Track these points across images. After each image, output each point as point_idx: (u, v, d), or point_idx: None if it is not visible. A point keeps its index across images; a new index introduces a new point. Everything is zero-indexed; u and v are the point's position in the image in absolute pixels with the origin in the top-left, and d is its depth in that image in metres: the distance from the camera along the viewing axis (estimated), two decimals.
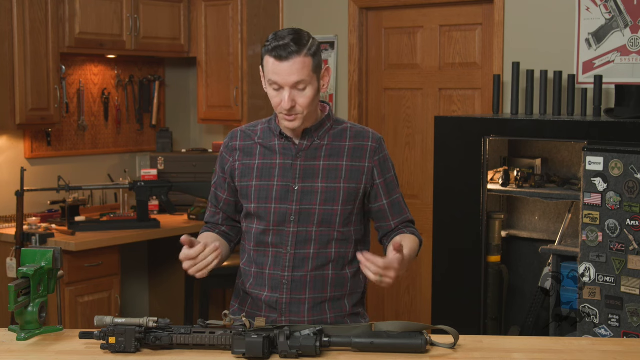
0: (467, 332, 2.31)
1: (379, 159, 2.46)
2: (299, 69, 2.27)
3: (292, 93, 2.29)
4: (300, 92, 2.30)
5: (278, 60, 2.27)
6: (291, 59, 2.26)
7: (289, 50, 2.26)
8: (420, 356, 2.09)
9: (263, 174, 2.42)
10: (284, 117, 2.34)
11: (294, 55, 2.26)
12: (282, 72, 2.27)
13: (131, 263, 5.32)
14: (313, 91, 2.32)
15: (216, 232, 2.55)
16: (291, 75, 2.27)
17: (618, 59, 4.04)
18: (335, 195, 2.39)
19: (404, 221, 2.51)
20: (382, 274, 2.15)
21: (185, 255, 2.21)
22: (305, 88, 2.30)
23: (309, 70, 2.29)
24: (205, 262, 2.21)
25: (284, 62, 2.26)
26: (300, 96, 2.30)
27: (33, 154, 4.87)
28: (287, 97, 2.29)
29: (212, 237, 2.49)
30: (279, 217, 2.39)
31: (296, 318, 2.39)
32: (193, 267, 2.21)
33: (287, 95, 2.29)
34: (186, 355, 2.11)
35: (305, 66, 2.28)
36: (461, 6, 4.63)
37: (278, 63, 2.27)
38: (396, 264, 2.17)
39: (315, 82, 2.33)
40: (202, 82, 5.34)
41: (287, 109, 2.30)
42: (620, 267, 3.37)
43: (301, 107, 2.31)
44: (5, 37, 4.34)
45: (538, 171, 4.11)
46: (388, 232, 2.51)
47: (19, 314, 2.23)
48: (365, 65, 5.05)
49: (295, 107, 2.31)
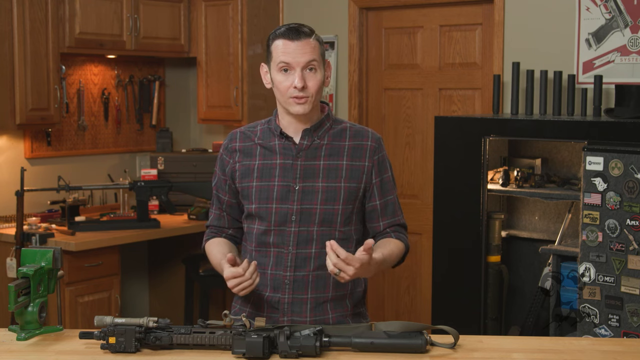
0: (467, 332, 2.31)
1: (377, 158, 2.46)
2: (310, 49, 2.32)
3: (303, 73, 2.32)
4: (310, 74, 2.33)
5: (290, 40, 2.31)
6: (303, 39, 2.32)
7: (301, 30, 2.32)
8: (420, 356, 2.09)
9: (263, 175, 2.42)
10: (294, 101, 2.35)
11: (306, 37, 2.32)
12: (293, 52, 2.31)
13: (131, 263, 5.32)
14: (321, 76, 2.36)
15: (223, 236, 2.55)
16: (303, 54, 2.31)
17: (618, 59, 4.04)
18: (336, 194, 2.40)
19: (394, 224, 2.50)
20: (340, 266, 2.17)
21: (232, 273, 2.24)
22: (316, 70, 2.34)
23: (318, 53, 2.34)
24: (251, 281, 2.25)
25: (296, 42, 2.31)
26: (310, 78, 2.33)
27: (33, 154, 4.87)
28: (299, 76, 2.31)
29: (226, 246, 2.50)
30: (280, 217, 2.39)
31: (298, 318, 2.40)
32: (238, 285, 2.24)
33: (298, 73, 2.31)
34: (186, 355, 2.11)
35: (315, 48, 2.33)
36: (461, 6, 4.63)
37: (290, 42, 2.31)
38: (357, 262, 2.18)
39: (323, 69, 2.37)
40: (202, 82, 5.34)
41: (299, 88, 2.31)
42: (620, 267, 3.37)
43: (311, 90, 2.33)
44: (5, 37, 4.34)
45: (538, 171, 4.11)
46: (376, 234, 2.51)
47: (19, 314, 2.23)
48: (365, 65, 5.05)
49: (306, 89, 2.33)
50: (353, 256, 2.18)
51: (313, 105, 2.36)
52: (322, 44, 2.38)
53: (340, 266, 2.18)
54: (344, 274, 2.19)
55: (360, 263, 2.18)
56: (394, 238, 2.48)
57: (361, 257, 2.19)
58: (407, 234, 2.56)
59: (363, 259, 2.19)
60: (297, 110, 2.35)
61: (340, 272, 2.18)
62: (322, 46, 2.38)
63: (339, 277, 2.20)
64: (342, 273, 2.18)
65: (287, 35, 2.32)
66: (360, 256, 2.19)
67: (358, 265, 2.18)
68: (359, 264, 2.18)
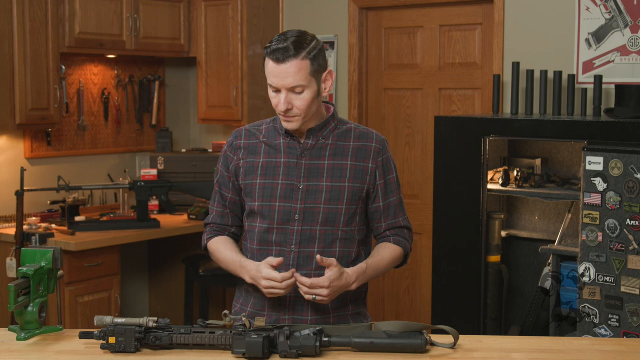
0: (467, 332, 2.31)
1: (382, 160, 2.47)
2: (295, 72, 2.28)
3: (289, 96, 2.31)
4: (297, 95, 2.32)
5: (275, 63, 2.29)
6: (288, 62, 2.28)
7: (286, 53, 2.27)
8: (420, 356, 2.09)
9: (268, 173, 2.42)
10: (282, 119, 2.37)
11: (291, 59, 2.27)
12: (278, 75, 2.29)
13: (131, 263, 5.32)
14: (311, 95, 2.32)
15: (226, 234, 2.54)
16: (287, 78, 2.29)
17: (618, 59, 4.04)
18: (340, 194, 2.40)
19: (395, 226, 2.52)
20: (312, 292, 2.26)
21: (269, 276, 2.28)
22: (303, 91, 2.31)
23: (306, 74, 2.29)
24: (284, 291, 2.29)
25: (281, 65, 2.28)
26: (297, 99, 2.32)
27: (33, 154, 4.87)
28: (283, 100, 2.31)
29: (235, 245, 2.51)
30: (284, 216, 2.39)
31: (299, 317, 2.40)
32: (272, 289, 2.29)
33: (283, 97, 2.31)
34: (186, 355, 2.11)
35: (302, 70, 2.29)
36: (461, 6, 4.63)
37: (275, 65, 2.29)
38: (326, 282, 2.26)
39: (314, 85, 2.33)
40: (202, 82, 5.34)
41: (283, 111, 2.33)
42: (620, 267, 3.37)
43: (298, 110, 2.33)
44: (5, 37, 4.34)
45: (538, 171, 4.10)
46: (377, 235, 2.54)
47: (19, 314, 2.23)
48: (365, 65, 5.05)
49: (292, 110, 2.33)
50: (318, 279, 2.27)
51: (304, 120, 2.36)
52: (317, 58, 2.32)
53: (312, 292, 2.26)
54: (321, 298, 2.27)
55: (330, 281, 2.27)
56: (392, 243, 2.50)
57: (329, 276, 2.27)
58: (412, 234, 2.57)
59: (331, 276, 2.27)
60: (287, 126, 2.38)
61: (316, 297, 2.27)
62: (319, 60, 2.32)
63: (318, 300, 2.28)
64: (317, 297, 2.27)
65: (273, 57, 2.29)
66: (325, 277, 2.27)
67: (327, 284, 2.26)
68: (328, 283, 2.26)
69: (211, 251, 2.54)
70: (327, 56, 2.34)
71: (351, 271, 2.34)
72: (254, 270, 2.34)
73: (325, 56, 2.38)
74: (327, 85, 2.39)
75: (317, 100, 2.36)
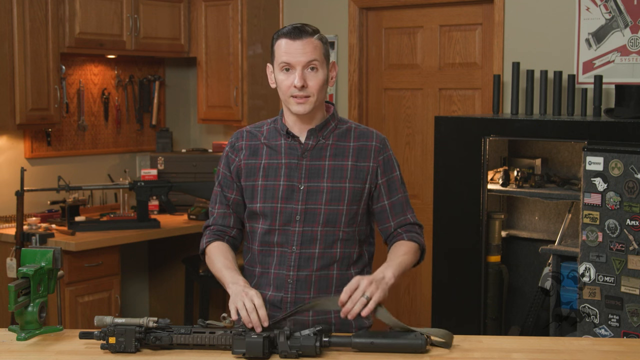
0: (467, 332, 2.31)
1: (382, 159, 2.46)
2: (311, 48, 2.32)
3: (304, 72, 2.32)
4: (311, 73, 2.33)
5: (291, 39, 2.32)
6: (304, 39, 2.32)
7: (303, 31, 2.33)
8: (420, 356, 2.09)
9: (269, 174, 2.42)
10: (294, 100, 2.35)
11: (308, 36, 2.33)
12: (294, 51, 2.32)
13: (131, 263, 5.32)
14: (323, 76, 2.35)
15: (226, 239, 2.51)
16: (304, 54, 2.32)
17: (618, 59, 4.04)
18: (341, 195, 2.40)
19: (404, 223, 2.49)
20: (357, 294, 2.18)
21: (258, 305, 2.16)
22: (317, 69, 2.34)
23: (320, 52, 2.35)
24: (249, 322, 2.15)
25: (297, 41, 2.32)
26: (311, 77, 2.33)
27: (33, 154, 4.87)
28: (299, 75, 2.32)
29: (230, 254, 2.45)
30: (285, 217, 2.39)
31: (300, 317, 2.39)
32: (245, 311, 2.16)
33: (299, 72, 2.32)
34: (186, 355, 2.11)
35: (317, 48, 2.34)
36: (461, 6, 4.63)
37: (291, 42, 2.32)
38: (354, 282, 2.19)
39: (325, 68, 2.37)
40: (202, 82, 5.34)
41: (299, 87, 2.32)
42: (620, 267, 3.37)
43: (312, 89, 2.33)
44: (5, 37, 4.34)
45: (538, 171, 4.11)
46: (388, 235, 2.50)
47: (19, 314, 2.23)
48: (365, 65, 5.05)
49: (307, 88, 2.33)
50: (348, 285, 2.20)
51: (314, 105, 2.36)
52: (326, 43, 2.39)
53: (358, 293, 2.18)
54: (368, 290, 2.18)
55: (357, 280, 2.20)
56: (406, 239, 2.45)
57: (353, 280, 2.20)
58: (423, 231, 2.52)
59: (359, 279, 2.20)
60: (297, 109, 2.35)
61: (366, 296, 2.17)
62: (327, 46, 2.39)
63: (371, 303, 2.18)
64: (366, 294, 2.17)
65: (289, 35, 2.33)
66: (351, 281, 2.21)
67: (366, 282, 2.18)
68: (356, 282, 2.19)
69: (207, 256, 2.51)
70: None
71: (379, 269, 2.28)
72: (245, 286, 2.25)
73: (329, 47, 2.43)
74: (333, 75, 2.42)
75: (325, 86, 2.38)
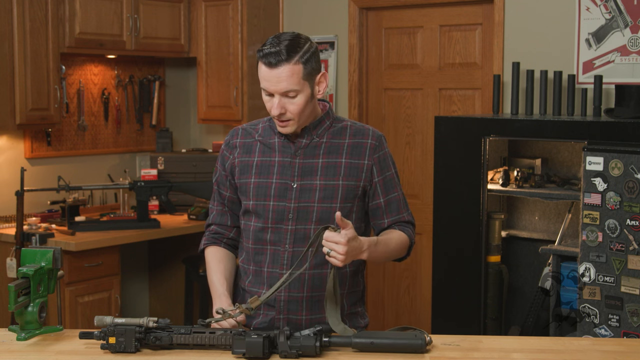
0: (467, 332, 2.31)
1: (378, 156, 2.46)
2: (287, 76, 2.27)
3: (282, 100, 2.30)
4: (290, 100, 2.30)
5: (267, 67, 2.28)
6: (280, 67, 2.26)
7: (278, 58, 2.26)
8: (420, 356, 2.09)
9: (262, 171, 2.42)
10: (277, 123, 2.37)
11: (283, 63, 2.26)
12: (271, 79, 2.28)
13: (131, 263, 5.32)
14: (304, 98, 2.31)
15: (224, 242, 2.53)
16: (279, 83, 2.27)
17: (618, 59, 4.04)
18: (334, 192, 2.39)
19: (399, 221, 2.49)
20: (328, 246, 2.16)
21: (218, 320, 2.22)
22: (296, 96, 2.30)
23: (299, 78, 2.28)
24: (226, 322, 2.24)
25: (273, 70, 2.27)
26: (290, 103, 2.31)
27: (33, 154, 4.87)
28: (276, 104, 2.30)
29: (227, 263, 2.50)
30: (277, 215, 2.39)
31: (294, 316, 2.39)
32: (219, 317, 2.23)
33: (276, 102, 2.30)
34: (186, 355, 2.11)
35: (295, 74, 2.27)
36: (461, 6, 4.63)
37: (268, 70, 2.28)
38: (343, 238, 2.15)
39: (308, 88, 2.32)
40: (202, 82, 5.34)
41: (276, 116, 2.32)
42: (620, 267, 3.37)
43: (291, 114, 2.32)
44: (5, 37, 4.34)
45: (538, 171, 4.11)
46: (381, 230, 2.50)
47: (19, 314, 2.23)
48: (365, 65, 5.05)
49: (286, 114, 2.32)
50: (335, 234, 2.17)
51: (299, 124, 2.36)
52: (311, 61, 2.30)
53: (329, 245, 2.16)
54: (335, 254, 2.16)
55: (347, 238, 2.16)
56: (397, 229, 2.47)
57: (346, 233, 2.16)
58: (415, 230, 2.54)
59: (348, 233, 2.16)
60: (281, 131, 2.37)
61: (331, 252, 2.16)
62: (312, 63, 2.30)
63: (332, 257, 2.17)
64: (332, 252, 2.16)
65: (265, 61, 2.27)
66: (344, 232, 2.16)
67: (344, 240, 2.15)
68: (345, 239, 2.15)
69: (205, 259, 2.55)
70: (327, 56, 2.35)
71: (363, 239, 2.26)
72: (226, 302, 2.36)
73: (319, 58, 2.36)
74: (321, 88, 2.37)
75: (310, 103, 2.35)
